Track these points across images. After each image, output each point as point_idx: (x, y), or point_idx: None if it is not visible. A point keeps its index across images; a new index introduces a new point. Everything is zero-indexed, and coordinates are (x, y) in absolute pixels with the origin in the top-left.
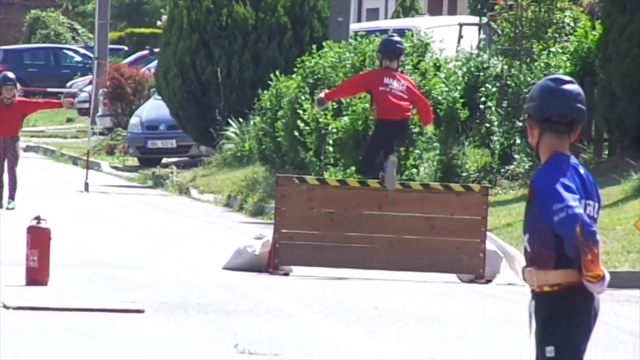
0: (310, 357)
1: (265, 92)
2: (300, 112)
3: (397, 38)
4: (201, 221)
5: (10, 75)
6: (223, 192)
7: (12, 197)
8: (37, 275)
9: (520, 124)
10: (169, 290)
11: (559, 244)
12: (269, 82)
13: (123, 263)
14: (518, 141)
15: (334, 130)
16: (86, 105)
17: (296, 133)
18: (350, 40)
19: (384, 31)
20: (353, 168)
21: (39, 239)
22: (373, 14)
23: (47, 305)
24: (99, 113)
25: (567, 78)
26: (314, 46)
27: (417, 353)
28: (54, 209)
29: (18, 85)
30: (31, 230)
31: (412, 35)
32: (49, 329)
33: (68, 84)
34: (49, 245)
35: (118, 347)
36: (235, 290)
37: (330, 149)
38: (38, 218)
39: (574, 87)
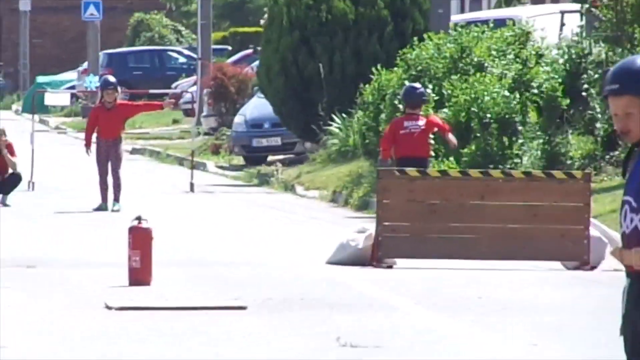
0: (413, 348)
1: (367, 86)
2: (401, 106)
3: (419, 87)
4: (306, 217)
5: (111, 79)
6: (328, 188)
7: (117, 199)
8: (139, 275)
9: None
10: (272, 287)
11: None
12: (371, 77)
13: (227, 261)
14: None
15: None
16: (190, 106)
17: None
18: (449, 31)
19: (484, 21)
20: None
21: (140, 239)
22: (476, 5)
23: (149, 305)
24: (204, 113)
25: None
26: (415, 38)
27: (519, 341)
28: (159, 210)
29: (119, 88)
30: (133, 230)
31: (514, 24)
32: (152, 329)
33: (173, 86)
34: (151, 246)
35: (219, 345)
36: (338, 285)
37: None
38: (139, 218)
39: None
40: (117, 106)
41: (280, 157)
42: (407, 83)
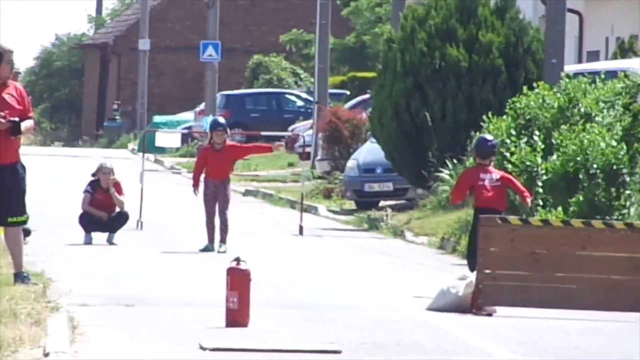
0: None
1: (477, 133)
2: (508, 154)
3: (490, 138)
4: (413, 263)
5: (221, 120)
6: (437, 234)
7: (223, 240)
8: (236, 316)
9: None
10: (369, 331)
11: None
12: (482, 124)
13: (328, 304)
14: None
15: (543, 171)
16: (306, 149)
17: None
18: (560, 81)
19: (596, 73)
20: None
21: (238, 280)
22: (594, 56)
23: (242, 346)
24: (318, 157)
25: None
26: (525, 87)
27: None
28: (264, 251)
29: (228, 130)
30: (231, 271)
31: (625, 76)
32: None
33: (290, 129)
34: (249, 287)
35: None
36: (436, 331)
37: (540, 190)
38: (238, 259)
39: None
40: (227, 147)
41: (392, 202)
42: (515, 130)
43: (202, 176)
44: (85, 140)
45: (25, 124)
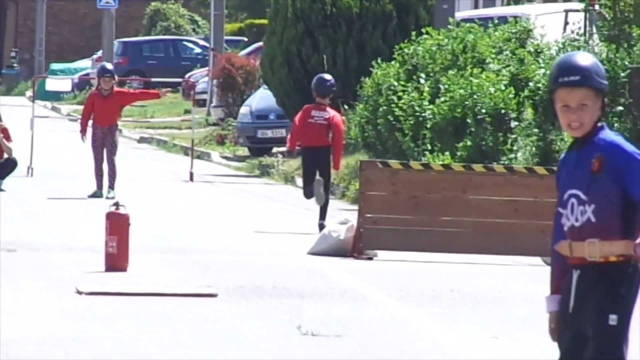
0: (372, 338)
1: (368, 79)
2: (395, 98)
3: (329, 77)
4: (301, 209)
5: (109, 66)
6: None
7: (111, 186)
8: (116, 261)
9: (621, 107)
10: (247, 275)
11: (629, 214)
12: (372, 70)
13: (209, 249)
14: (617, 125)
15: (430, 115)
16: (204, 96)
17: (393, 120)
18: (449, 27)
19: (488, 18)
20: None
21: (118, 225)
22: (490, 1)
23: (119, 290)
24: (213, 104)
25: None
26: (414, 33)
27: (481, 333)
28: (151, 198)
29: (116, 77)
30: (110, 216)
31: (516, 22)
32: (119, 313)
33: (187, 76)
34: (128, 231)
35: (184, 330)
36: (314, 275)
37: (428, 135)
38: (117, 204)
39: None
40: (114, 94)
41: (285, 148)
42: (402, 76)
43: (90, 122)
44: None
45: None
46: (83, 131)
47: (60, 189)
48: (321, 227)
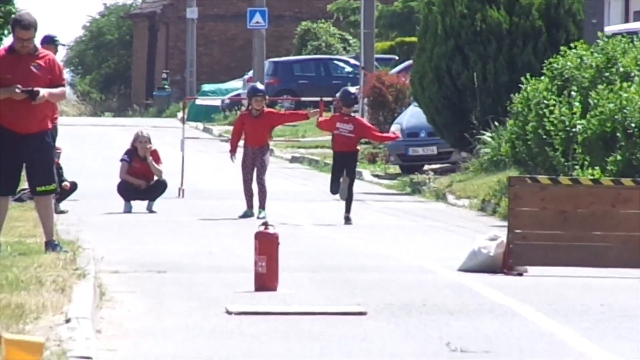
0: (521, 354)
1: (518, 95)
2: (547, 111)
3: (353, 90)
4: (452, 225)
5: (260, 86)
6: (478, 197)
7: (262, 206)
8: (265, 281)
9: None
10: (397, 293)
11: None
12: (521, 86)
13: (359, 267)
14: None
15: (580, 129)
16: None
17: (544, 135)
18: (597, 41)
19: (635, 32)
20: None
21: (267, 244)
22: None
23: (268, 310)
24: None
25: None
26: (563, 48)
27: (631, 348)
28: (303, 217)
29: (267, 97)
30: (259, 236)
31: None
32: (268, 333)
33: (338, 95)
34: (277, 250)
35: (333, 349)
36: (464, 291)
37: (578, 149)
38: (266, 224)
39: None
40: (264, 114)
41: (436, 166)
42: (553, 90)
43: (242, 143)
44: (135, 110)
45: (50, 91)
46: (233, 151)
47: (210, 209)
48: (347, 219)
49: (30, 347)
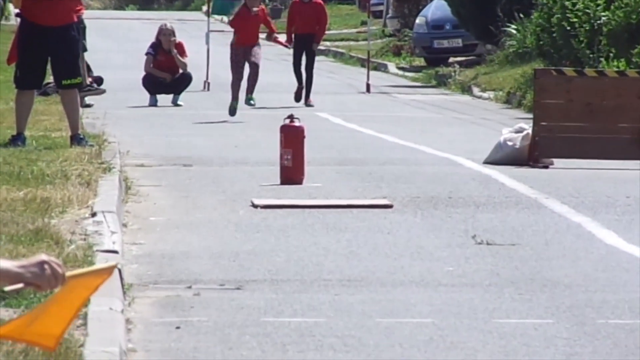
0: (548, 245)
1: None
2: (570, 4)
3: None
4: (477, 118)
5: None
6: (503, 89)
7: (251, 91)
8: (291, 173)
9: None
10: (422, 185)
11: None
12: None
13: (385, 160)
14: None
15: (605, 21)
16: (380, 8)
17: (568, 27)
18: None
19: None
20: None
21: (292, 137)
22: None
23: (295, 203)
24: (389, 15)
25: None
26: None
27: None
28: (329, 109)
29: None
30: (285, 129)
31: None
32: (294, 226)
33: None
34: (303, 144)
35: (359, 241)
36: (490, 184)
37: (604, 41)
38: (291, 117)
39: None
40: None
41: (462, 58)
42: None
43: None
44: (161, 4)
45: None
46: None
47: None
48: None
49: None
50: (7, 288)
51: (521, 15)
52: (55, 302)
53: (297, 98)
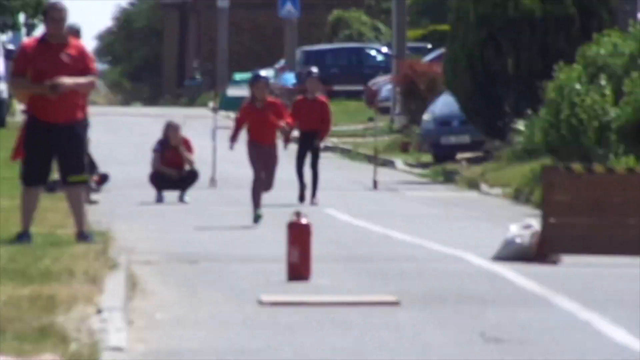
0: (558, 344)
1: (549, 83)
2: (579, 100)
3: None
4: (485, 214)
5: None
6: (511, 185)
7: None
8: (298, 270)
9: None
10: (430, 282)
11: None
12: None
13: (392, 256)
14: None
15: (615, 117)
16: (387, 104)
17: (576, 123)
18: (629, 28)
19: None
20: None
21: (299, 234)
22: None
23: (302, 300)
24: (397, 111)
25: None
26: (594, 35)
27: None
28: (335, 206)
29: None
30: (292, 226)
31: None
32: (301, 323)
33: (370, 83)
34: (310, 240)
35: (366, 339)
36: (498, 280)
37: (613, 137)
38: (298, 213)
39: None
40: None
41: (469, 154)
42: (584, 78)
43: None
44: (167, 99)
45: (76, 80)
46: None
47: (242, 199)
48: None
49: None
50: None
51: (529, 111)
52: None
53: (302, 199)
